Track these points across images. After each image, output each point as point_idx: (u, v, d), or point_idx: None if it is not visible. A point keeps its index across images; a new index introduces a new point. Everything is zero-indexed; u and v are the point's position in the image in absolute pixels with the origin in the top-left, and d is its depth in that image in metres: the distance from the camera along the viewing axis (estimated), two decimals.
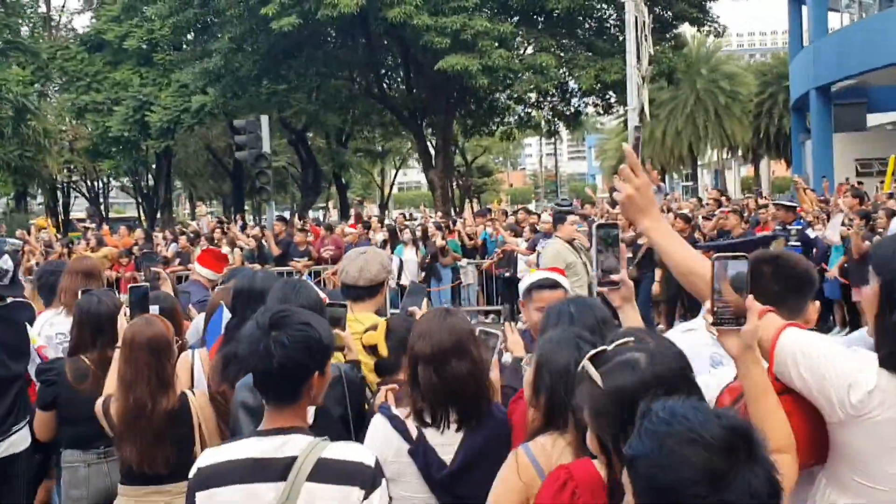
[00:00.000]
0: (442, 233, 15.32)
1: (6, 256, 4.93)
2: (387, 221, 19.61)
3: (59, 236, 19.93)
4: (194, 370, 4.13)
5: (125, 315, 4.12)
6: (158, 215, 37.03)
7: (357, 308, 4.02)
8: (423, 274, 14.82)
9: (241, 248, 14.61)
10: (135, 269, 16.86)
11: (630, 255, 10.78)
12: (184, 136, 35.34)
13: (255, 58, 24.60)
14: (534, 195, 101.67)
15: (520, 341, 3.55)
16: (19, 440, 4.53)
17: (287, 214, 61.12)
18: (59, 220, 43.57)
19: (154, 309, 4.25)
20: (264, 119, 17.26)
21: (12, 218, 37.08)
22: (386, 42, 27.58)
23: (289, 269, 14.31)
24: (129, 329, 3.79)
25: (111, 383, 3.83)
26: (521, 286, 4.33)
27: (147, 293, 4.29)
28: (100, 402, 3.81)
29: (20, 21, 33.59)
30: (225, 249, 13.99)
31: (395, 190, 61.85)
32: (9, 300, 5.00)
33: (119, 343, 3.83)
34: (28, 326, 4.92)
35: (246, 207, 45.47)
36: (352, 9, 21.08)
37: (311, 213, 41.41)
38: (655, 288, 12.09)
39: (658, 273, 11.89)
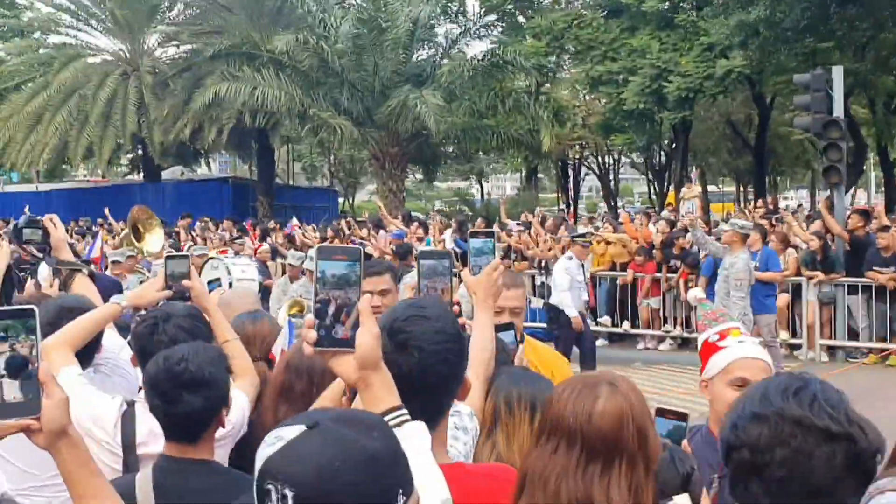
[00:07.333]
0: None
1: None
2: None
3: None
4: None
5: None
6: (671, 192, 33.56)
7: None
8: None
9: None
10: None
11: None
12: (702, 107, 31.48)
13: (804, 4, 19.64)
14: None
15: None
16: None
17: (806, 195, 54.05)
18: (569, 197, 42.72)
19: None
20: (837, 72, 12.50)
21: (520, 196, 36.69)
22: None
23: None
24: None
25: None
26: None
27: None
28: None
29: None
30: None
31: None
32: None
33: None
34: None
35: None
36: None
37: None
38: None
39: None
